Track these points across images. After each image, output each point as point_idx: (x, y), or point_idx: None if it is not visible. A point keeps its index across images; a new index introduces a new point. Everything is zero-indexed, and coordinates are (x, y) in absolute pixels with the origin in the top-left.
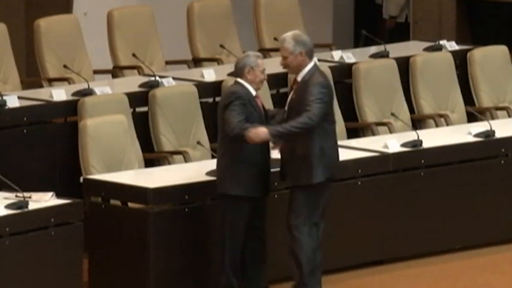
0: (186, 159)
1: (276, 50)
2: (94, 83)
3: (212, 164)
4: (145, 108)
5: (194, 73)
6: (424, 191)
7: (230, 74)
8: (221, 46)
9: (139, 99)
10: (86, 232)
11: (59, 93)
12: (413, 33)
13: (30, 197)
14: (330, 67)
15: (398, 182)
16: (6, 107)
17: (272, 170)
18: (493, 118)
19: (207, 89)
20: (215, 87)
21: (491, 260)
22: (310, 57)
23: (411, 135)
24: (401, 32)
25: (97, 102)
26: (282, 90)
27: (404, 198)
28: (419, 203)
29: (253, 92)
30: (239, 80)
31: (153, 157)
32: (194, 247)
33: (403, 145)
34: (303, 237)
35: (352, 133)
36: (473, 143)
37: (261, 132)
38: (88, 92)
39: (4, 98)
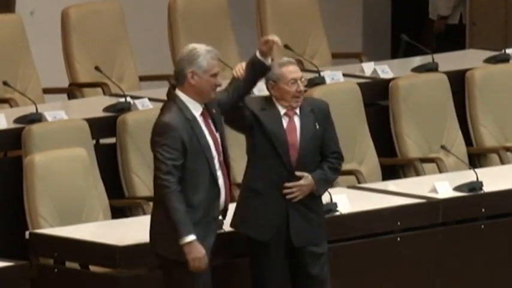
0: None
1: None
2: (44, 106)
3: None
4: (112, 140)
5: None
6: (485, 249)
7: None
8: None
9: (104, 127)
10: None
11: None
12: (471, 39)
13: None
14: (359, 84)
15: (451, 238)
16: None
17: None
18: None
19: None
20: None
21: None
22: None
23: (468, 176)
24: (454, 37)
25: (48, 131)
26: None
27: (459, 259)
28: (479, 265)
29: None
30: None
31: (122, 204)
32: None
33: (456, 188)
34: None
35: (389, 172)
36: None
37: None
38: (36, 118)
39: None
